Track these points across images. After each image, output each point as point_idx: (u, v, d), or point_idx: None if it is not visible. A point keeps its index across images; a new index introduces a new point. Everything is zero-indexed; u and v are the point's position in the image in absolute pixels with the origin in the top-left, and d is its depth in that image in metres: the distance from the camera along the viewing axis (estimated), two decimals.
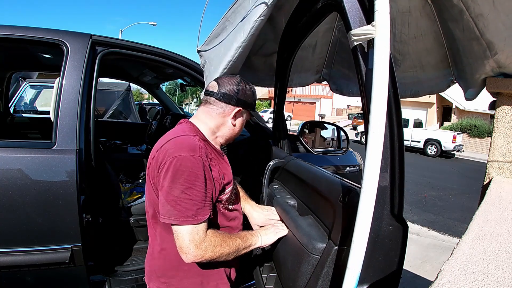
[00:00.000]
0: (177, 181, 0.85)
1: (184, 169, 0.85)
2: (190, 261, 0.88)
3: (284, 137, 1.68)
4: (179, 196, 0.84)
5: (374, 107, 0.62)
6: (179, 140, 0.91)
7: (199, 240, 0.87)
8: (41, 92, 4.95)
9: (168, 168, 0.86)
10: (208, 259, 0.89)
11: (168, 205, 0.85)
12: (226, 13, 1.12)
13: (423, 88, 1.51)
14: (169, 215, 0.85)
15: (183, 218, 0.85)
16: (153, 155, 0.94)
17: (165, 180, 0.86)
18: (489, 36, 0.94)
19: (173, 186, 0.85)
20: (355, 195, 0.82)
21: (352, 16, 0.73)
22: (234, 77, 1.01)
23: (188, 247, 0.86)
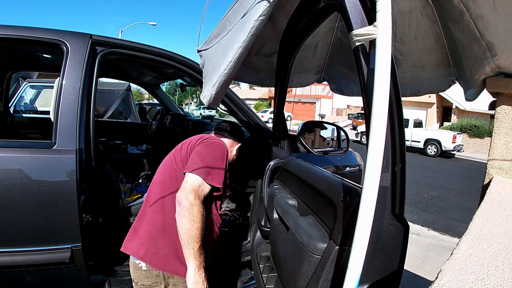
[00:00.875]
0: (212, 152, 1.15)
1: (219, 149, 1.18)
2: (179, 198, 1.03)
3: (284, 137, 1.68)
4: (208, 160, 1.11)
5: (376, 107, 0.62)
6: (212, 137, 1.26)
7: (199, 193, 1.04)
8: (41, 92, 4.94)
9: (207, 143, 1.18)
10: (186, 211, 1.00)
11: (199, 162, 1.09)
12: (226, 13, 1.11)
13: (424, 87, 1.51)
14: (196, 166, 1.07)
15: (206, 174, 1.07)
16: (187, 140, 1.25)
17: (202, 148, 1.15)
18: (489, 37, 0.94)
19: (209, 154, 1.14)
20: (356, 195, 0.82)
21: (354, 17, 0.73)
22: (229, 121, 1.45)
23: (190, 191, 1.02)
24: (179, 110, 4.22)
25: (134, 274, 1.13)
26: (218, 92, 1.15)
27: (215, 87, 1.13)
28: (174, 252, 1.07)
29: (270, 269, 1.38)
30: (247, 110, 1.88)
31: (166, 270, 1.07)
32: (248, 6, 0.93)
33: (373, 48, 0.65)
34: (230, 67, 1.04)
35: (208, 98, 1.18)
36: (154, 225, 1.11)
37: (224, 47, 1.08)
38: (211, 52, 1.24)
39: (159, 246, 1.08)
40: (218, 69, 1.09)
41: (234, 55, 1.00)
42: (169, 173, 1.18)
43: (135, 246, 1.12)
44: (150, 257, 1.07)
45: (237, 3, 1.05)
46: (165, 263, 1.07)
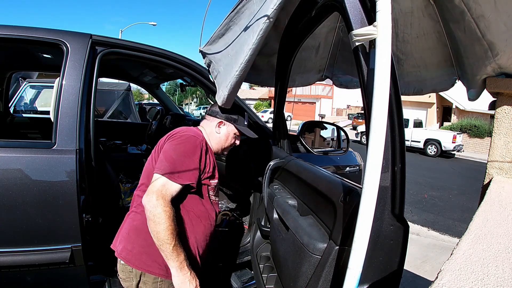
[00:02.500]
0: (181, 148, 1.10)
1: (189, 143, 1.12)
2: (143, 201, 1.02)
3: (284, 137, 1.68)
4: (176, 158, 1.07)
5: (376, 107, 0.62)
6: (189, 128, 1.22)
7: (165, 193, 1.01)
8: (41, 92, 4.94)
9: (176, 138, 1.13)
10: (151, 213, 0.99)
11: (165, 162, 1.06)
12: (229, 14, 1.12)
13: (426, 86, 1.50)
14: (163, 169, 1.04)
15: (171, 173, 1.04)
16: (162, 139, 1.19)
17: (170, 145, 1.11)
18: (491, 37, 0.94)
19: (175, 150, 1.09)
20: (356, 195, 0.82)
21: (354, 17, 0.73)
22: None
23: (153, 192, 1.01)
24: (179, 110, 4.22)
25: (117, 266, 1.18)
26: (231, 93, 1.20)
27: (227, 88, 1.16)
28: (147, 251, 1.08)
29: (270, 269, 1.38)
30: (247, 110, 1.88)
31: (138, 268, 1.09)
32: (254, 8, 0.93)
33: (373, 48, 0.65)
34: (241, 69, 1.07)
35: (223, 99, 1.23)
36: (132, 224, 1.14)
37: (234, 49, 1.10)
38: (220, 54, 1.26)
39: (134, 244, 1.10)
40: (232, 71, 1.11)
41: (245, 57, 1.02)
42: (147, 173, 1.17)
43: (117, 242, 1.17)
44: (125, 254, 1.10)
45: (241, 4, 1.06)
46: (138, 261, 1.09)
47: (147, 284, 1.10)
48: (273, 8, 0.85)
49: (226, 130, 1.31)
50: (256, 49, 0.99)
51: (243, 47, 1.00)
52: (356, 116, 22.19)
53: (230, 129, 1.32)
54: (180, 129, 1.19)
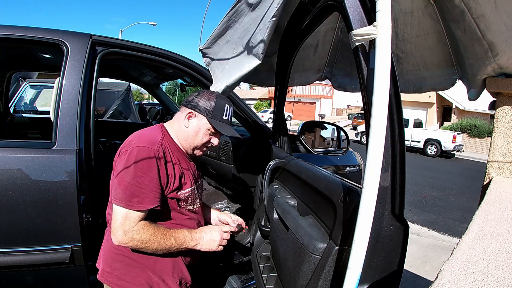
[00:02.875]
0: (131, 168, 0.93)
1: (140, 158, 0.94)
2: (116, 243, 0.95)
3: (284, 137, 1.68)
4: (129, 181, 0.93)
5: (375, 107, 0.62)
6: (142, 134, 1.03)
7: (128, 227, 0.93)
8: (41, 92, 4.94)
9: (126, 155, 0.95)
10: (133, 247, 0.96)
11: (119, 188, 0.93)
12: (228, 12, 1.12)
13: (426, 85, 1.50)
14: (118, 197, 0.93)
15: (128, 202, 0.92)
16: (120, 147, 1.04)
17: (121, 165, 0.95)
18: (491, 37, 0.94)
19: (126, 172, 0.93)
20: (356, 195, 0.82)
21: (354, 17, 0.73)
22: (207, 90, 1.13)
23: (117, 230, 0.93)
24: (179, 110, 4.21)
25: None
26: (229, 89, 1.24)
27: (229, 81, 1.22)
28: (125, 272, 1.03)
29: (270, 269, 1.38)
30: (247, 110, 1.88)
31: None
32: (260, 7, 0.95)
33: (372, 48, 0.65)
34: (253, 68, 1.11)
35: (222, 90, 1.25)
36: (107, 244, 1.07)
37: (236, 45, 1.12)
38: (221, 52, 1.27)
39: (112, 266, 1.04)
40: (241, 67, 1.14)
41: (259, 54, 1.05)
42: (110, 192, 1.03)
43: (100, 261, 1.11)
44: (106, 276, 1.05)
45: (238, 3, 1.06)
46: (119, 283, 1.04)
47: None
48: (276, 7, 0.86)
49: (196, 123, 1.07)
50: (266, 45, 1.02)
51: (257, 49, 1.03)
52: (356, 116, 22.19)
53: (202, 123, 1.07)
54: (131, 138, 1.01)
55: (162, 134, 1.06)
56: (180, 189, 1.05)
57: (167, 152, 1.01)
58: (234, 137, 1.21)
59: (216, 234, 1.09)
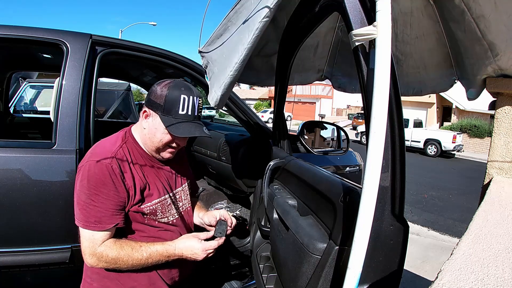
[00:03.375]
0: (85, 187, 0.87)
1: (92, 175, 0.87)
2: (88, 265, 0.91)
3: (284, 137, 1.68)
4: (85, 201, 0.87)
5: (375, 107, 0.62)
6: (98, 146, 0.96)
7: (93, 248, 0.88)
8: (41, 92, 4.94)
9: (80, 173, 0.90)
10: (105, 267, 0.92)
11: (77, 208, 0.89)
12: (228, 14, 1.11)
13: (426, 88, 1.51)
14: (77, 218, 0.89)
15: (86, 223, 0.88)
16: None
17: (77, 184, 0.90)
18: (491, 37, 0.94)
19: (81, 191, 0.88)
20: (355, 195, 0.82)
21: (354, 17, 0.73)
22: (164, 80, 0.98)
23: (84, 252, 0.90)
24: None
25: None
26: (224, 94, 1.13)
27: (220, 89, 1.12)
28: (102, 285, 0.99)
29: (270, 269, 1.38)
30: (247, 110, 1.88)
31: None
32: (251, 7, 0.93)
33: (372, 48, 0.65)
34: (236, 69, 1.02)
35: (215, 100, 1.17)
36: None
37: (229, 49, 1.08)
38: (215, 54, 1.24)
39: (92, 278, 1.00)
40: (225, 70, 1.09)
41: (239, 57, 1.00)
42: None
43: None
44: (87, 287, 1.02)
45: (239, 4, 1.05)
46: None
47: None
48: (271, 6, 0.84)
49: (152, 123, 0.94)
50: (251, 48, 0.97)
51: (238, 47, 0.98)
52: (356, 116, 22.19)
53: (157, 122, 0.93)
54: (88, 152, 0.95)
55: (122, 141, 0.97)
56: (142, 202, 0.95)
57: (125, 163, 0.92)
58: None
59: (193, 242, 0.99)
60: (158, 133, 0.94)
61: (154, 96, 0.93)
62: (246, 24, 0.95)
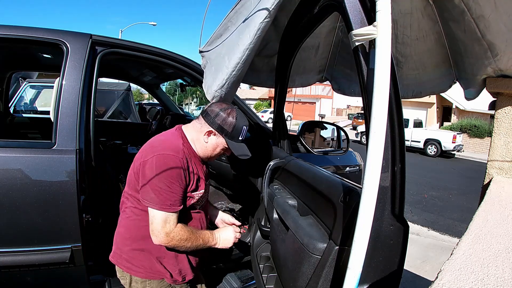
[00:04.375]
0: (161, 175, 1.02)
1: (168, 166, 1.03)
2: (157, 243, 1.07)
3: (284, 137, 1.68)
4: (162, 187, 1.03)
5: (375, 107, 0.62)
6: (166, 141, 1.12)
7: (169, 228, 1.06)
8: (41, 92, 4.94)
9: (154, 162, 1.04)
10: (172, 246, 1.09)
11: (152, 193, 1.03)
12: (228, 14, 1.11)
13: (425, 89, 1.51)
14: (152, 201, 1.03)
15: (163, 205, 1.03)
16: (142, 147, 1.14)
17: (151, 171, 1.03)
18: (490, 37, 0.94)
19: (157, 178, 1.02)
20: (355, 195, 0.82)
21: (354, 17, 0.73)
22: (226, 104, 1.19)
23: (160, 232, 1.05)
24: (179, 110, 4.22)
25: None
26: (229, 92, 1.17)
27: (224, 87, 1.14)
28: (132, 257, 1.15)
29: (270, 269, 1.38)
30: (247, 110, 1.88)
31: (126, 271, 1.17)
32: (251, 7, 0.93)
33: (372, 48, 0.65)
34: (238, 68, 1.05)
35: (218, 99, 1.20)
36: (118, 230, 1.20)
37: (229, 48, 1.08)
38: (213, 53, 1.24)
39: (123, 250, 1.17)
40: (224, 70, 1.10)
41: (241, 57, 1.01)
42: (130, 184, 1.14)
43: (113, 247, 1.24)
44: (116, 258, 1.18)
45: (239, 4, 1.05)
46: (126, 265, 1.16)
47: (137, 283, 1.18)
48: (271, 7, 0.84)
49: (215, 141, 1.17)
50: (253, 49, 0.98)
51: (239, 47, 0.99)
52: (356, 116, 22.19)
53: (220, 141, 1.17)
54: (154, 144, 1.09)
55: (183, 140, 1.15)
56: (195, 190, 1.16)
57: (188, 159, 1.11)
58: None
59: (230, 234, 1.27)
60: (218, 149, 1.19)
61: (222, 122, 1.14)
62: (246, 24, 0.95)
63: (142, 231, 1.11)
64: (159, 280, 1.17)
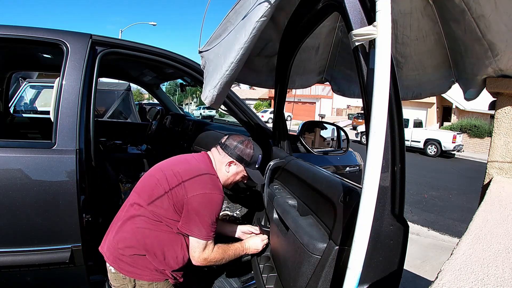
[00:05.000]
0: (211, 212, 1.18)
1: (216, 204, 1.20)
2: (198, 264, 1.22)
3: (284, 137, 1.68)
4: (209, 222, 1.18)
5: (375, 107, 0.62)
6: (213, 180, 1.25)
7: (207, 254, 1.22)
8: (41, 92, 4.94)
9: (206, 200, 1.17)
10: (210, 264, 1.25)
11: (201, 227, 1.17)
12: (228, 14, 1.11)
13: (425, 90, 1.50)
14: (200, 233, 1.18)
15: (208, 237, 1.19)
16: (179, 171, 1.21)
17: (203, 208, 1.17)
18: (491, 37, 0.94)
19: (207, 215, 1.17)
20: (355, 195, 0.82)
21: (354, 17, 0.73)
22: (243, 136, 1.36)
23: (200, 257, 1.20)
24: (179, 110, 4.21)
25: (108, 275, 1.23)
26: (220, 93, 1.15)
27: (216, 88, 1.13)
28: (136, 261, 1.16)
29: (270, 269, 1.38)
30: (247, 110, 1.88)
31: (131, 275, 1.16)
32: (249, 7, 0.92)
33: (372, 48, 0.65)
34: (232, 68, 1.03)
35: (210, 99, 1.18)
36: (122, 235, 1.19)
37: (225, 48, 1.08)
38: (212, 53, 1.24)
39: (124, 254, 1.16)
40: (219, 70, 1.09)
41: (236, 56, 1.00)
42: (149, 194, 1.19)
43: (105, 247, 1.22)
44: (118, 263, 1.17)
45: (238, 4, 1.05)
46: (130, 269, 1.16)
47: (143, 287, 1.16)
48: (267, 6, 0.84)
49: (235, 170, 1.32)
50: (248, 48, 0.97)
51: (234, 46, 0.99)
52: (356, 116, 22.19)
53: (240, 169, 1.33)
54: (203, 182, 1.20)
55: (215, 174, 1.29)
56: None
57: None
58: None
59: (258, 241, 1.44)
60: (238, 177, 1.35)
61: (242, 153, 1.31)
62: (243, 23, 0.95)
63: (149, 243, 1.15)
64: (164, 281, 1.19)
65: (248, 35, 0.92)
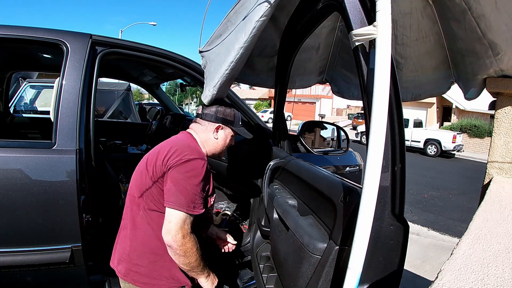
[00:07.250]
0: (191, 178, 1.04)
1: (198, 170, 1.06)
2: (167, 242, 1.02)
3: (284, 137, 1.68)
4: (188, 189, 1.03)
5: (376, 107, 0.62)
6: (192, 146, 1.14)
7: (186, 230, 1.03)
8: (41, 92, 4.94)
9: (184, 165, 1.04)
10: (180, 251, 1.02)
11: (180, 195, 1.02)
12: (228, 14, 1.11)
13: (424, 91, 1.51)
14: (178, 202, 1.01)
15: (188, 207, 1.02)
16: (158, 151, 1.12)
17: (178, 173, 1.04)
18: (491, 36, 0.94)
19: (187, 182, 1.04)
20: (356, 195, 0.82)
21: (354, 17, 0.73)
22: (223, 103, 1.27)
23: (177, 232, 1.01)
24: (179, 110, 4.21)
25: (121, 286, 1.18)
26: (220, 92, 1.16)
27: (216, 87, 1.13)
28: (152, 269, 1.10)
29: (270, 269, 1.38)
30: (247, 110, 1.88)
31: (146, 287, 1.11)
32: (250, 7, 0.92)
33: (372, 48, 0.65)
34: (231, 68, 1.04)
35: (210, 98, 1.19)
36: (132, 244, 1.12)
37: (226, 48, 1.08)
38: (213, 53, 1.24)
39: (138, 265, 1.10)
40: (220, 70, 1.09)
41: (235, 56, 1.00)
42: (139, 187, 1.12)
43: (115, 261, 1.17)
44: (132, 276, 1.11)
45: (238, 4, 1.05)
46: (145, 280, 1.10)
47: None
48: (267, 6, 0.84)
49: (223, 134, 1.24)
50: (248, 47, 0.97)
51: (235, 46, 0.99)
52: (356, 116, 22.19)
53: (227, 132, 1.26)
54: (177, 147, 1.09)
55: (198, 145, 1.19)
56: (212, 195, 1.19)
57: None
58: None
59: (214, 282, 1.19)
60: (228, 140, 1.26)
61: (225, 115, 1.23)
62: (243, 23, 0.95)
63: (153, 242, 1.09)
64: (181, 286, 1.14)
65: (248, 34, 0.92)
